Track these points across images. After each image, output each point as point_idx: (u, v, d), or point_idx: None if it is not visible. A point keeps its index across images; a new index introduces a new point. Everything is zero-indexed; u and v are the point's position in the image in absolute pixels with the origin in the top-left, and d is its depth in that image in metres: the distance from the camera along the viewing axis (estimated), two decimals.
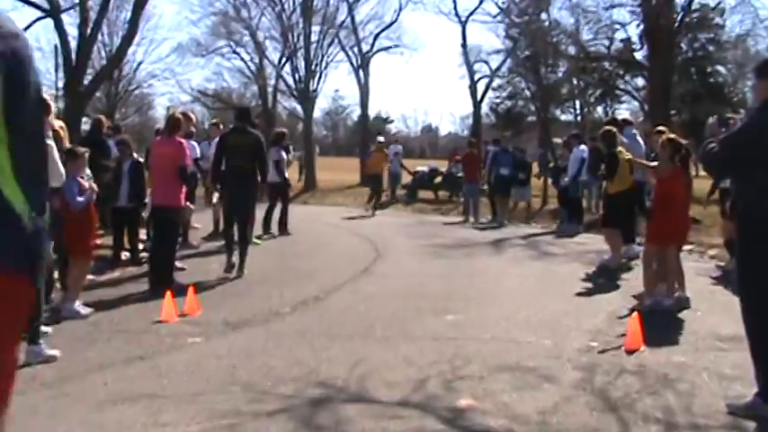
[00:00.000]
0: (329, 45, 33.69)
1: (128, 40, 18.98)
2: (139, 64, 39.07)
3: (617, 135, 10.40)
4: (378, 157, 20.76)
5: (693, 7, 27.34)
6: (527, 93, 37.12)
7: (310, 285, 9.17)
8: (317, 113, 53.83)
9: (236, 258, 9.96)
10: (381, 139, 23.67)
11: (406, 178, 25.22)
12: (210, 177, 10.90)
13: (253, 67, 39.20)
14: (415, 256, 12.06)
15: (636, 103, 37.64)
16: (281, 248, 12.69)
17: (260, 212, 12.38)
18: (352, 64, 35.07)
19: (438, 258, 11.84)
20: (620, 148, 10.28)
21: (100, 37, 28.52)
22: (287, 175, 14.76)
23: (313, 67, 32.98)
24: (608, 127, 10.78)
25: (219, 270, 10.08)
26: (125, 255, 10.68)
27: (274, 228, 14.26)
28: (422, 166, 26.47)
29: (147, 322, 7.14)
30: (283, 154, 14.40)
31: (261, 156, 10.10)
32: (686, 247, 10.16)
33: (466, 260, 11.68)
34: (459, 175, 20.96)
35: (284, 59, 35.81)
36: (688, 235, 8.65)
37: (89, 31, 17.37)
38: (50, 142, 6.00)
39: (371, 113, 45.52)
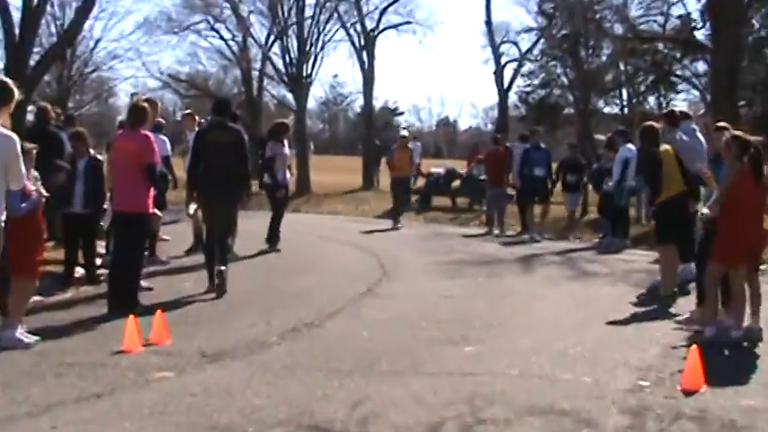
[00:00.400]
0: (327, 22, 33.87)
1: (83, 12, 19.07)
2: (98, 42, 39.33)
3: (659, 131, 10.45)
4: (402, 156, 20.37)
5: None
6: (563, 80, 37.10)
7: (303, 309, 9.24)
8: (311, 103, 53.80)
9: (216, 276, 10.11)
10: (405, 132, 23.53)
11: (420, 182, 25.09)
12: (187, 182, 10.92)
13: (234, 48, 39.43)
14: (428, 274, 12.17)
15: (696, 93, 37.62)
16: (268, 265, 12.81)
17: (246, 222, 12.31)
18: (353, 44, 35.21)
19: (456, 278, 11.95)
20: (666, 147, 10.20)
21: (49, 8, 28.65)
22: (288, 176, 14.76)
23: (307, 48, 33.10)
24: (648, 123, 10.80)
25: (193, 290, 10.20)
26: (79, 271, 10.73)
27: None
28: (437, 167, 26.55)
29: (105, 353, 7.15)
30: (286, 150, 14.37)
31: (243, 155, 10.33)
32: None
33: (489, 280, 11.80)
34: (482, 177, 20.99)
35: (272, 39, 35.96)
36: (762, 251, 8.57)
37: (36, 0, 17.35)
38: (14, 136, 6.14)
39: (377, 104, 45.68)
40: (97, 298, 9.55)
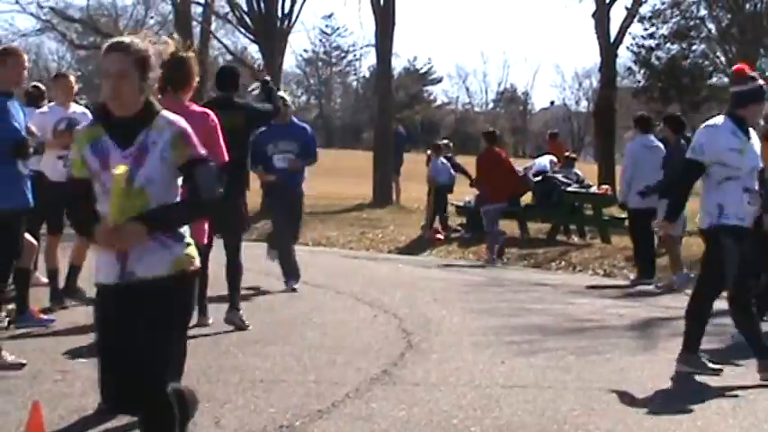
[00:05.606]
0: None
1: None
2: None
3: None
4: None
5: None
6: (710, 27, 33.59)
7: (275, 403, 8.48)
8: (289, 62, 50.97)
9: None
10: None
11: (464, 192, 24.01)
12: None
13: None
14: (481, 348, 11.30)
15: None
16: (220, 328, 11.63)
17: None
18: None
19: (528, 355, 11.02)
20: None
21: None
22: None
23: None
24: None
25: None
26: None
27: None
28: None
29: None
30: None
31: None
32: None
33: (584, 361, 10.75)
34: (574, 186, 20.53)
35: None
36: None
37: None
38: None
39: (398, 65, 42.60)
40: None
